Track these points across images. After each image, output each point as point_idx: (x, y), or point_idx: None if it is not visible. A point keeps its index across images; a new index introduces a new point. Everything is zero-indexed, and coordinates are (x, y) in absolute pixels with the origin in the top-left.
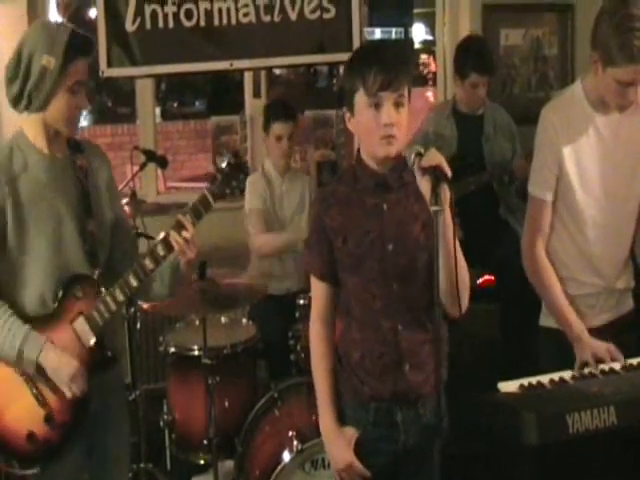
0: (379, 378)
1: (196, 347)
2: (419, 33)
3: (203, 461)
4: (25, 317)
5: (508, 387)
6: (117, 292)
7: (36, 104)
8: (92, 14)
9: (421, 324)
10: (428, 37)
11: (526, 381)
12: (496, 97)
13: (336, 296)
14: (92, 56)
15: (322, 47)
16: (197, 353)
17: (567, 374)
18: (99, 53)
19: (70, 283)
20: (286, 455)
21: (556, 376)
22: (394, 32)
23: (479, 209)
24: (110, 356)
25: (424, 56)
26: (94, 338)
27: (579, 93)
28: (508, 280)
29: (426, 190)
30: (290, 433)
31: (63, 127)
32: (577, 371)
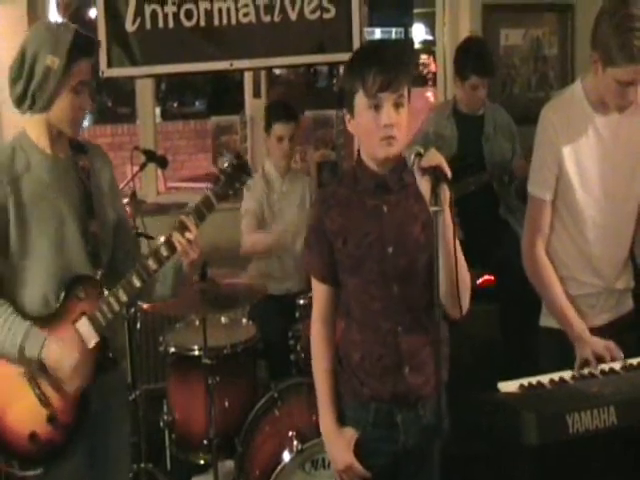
0: (379, 379)
1: (196, 347)
2: (419, 33)
3: (203, 461)
4: (27, 317)
5: (508, 387)
6: (120, 292)
7: (40, 104)
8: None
9: (421, 326)
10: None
11: (526, 381)
12: (496, 97)
13: (337, 297)
14: (95, 56)
15: (322, 47)
16: (197, 353)
17: (567, 374)
18: (99, 53)
19: (73, 283)
20: (286, 455)
21: (556, 376)
22: (394, 32)
23: (479, 209)
24: (112, 357)
25: (424, 56)
26: (97, 338)
27: (579, 93)
28: (508, 280)
29: (426, 190)
30: (290, 433)
31: (66, 127)
32: (577, 371)
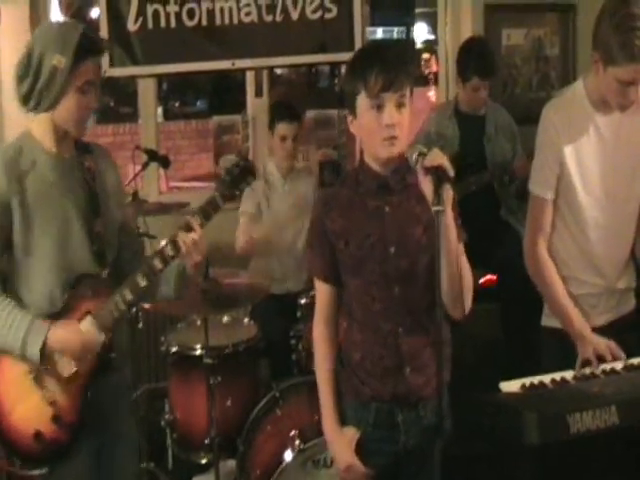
0: (380, 379)
1: (198, 347)
2: (421, 33)
3: (204, 460)
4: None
5: (510, 387)
6: (126, 292)
7: (46, 103)
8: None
9: (422, 327)
10: (430, 37)
11: (528, 381)
12: (497, 97)
13: (339, 297)
14: (102, 56)
15: (324, 47)
16: (199, 353)
17: (569, 374)
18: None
19: (78, 282)
20: (288, 454)
21: (558, 376)
22: (396, 32)
23: (480, 210)
24: (114, 357)
25: (426, 56)
26: (102, 337)
27: (580, 92)
28: (510, 280)
29: (428, 190)
30: (292, 432)
31: (72, 127)
32: (578, 370)
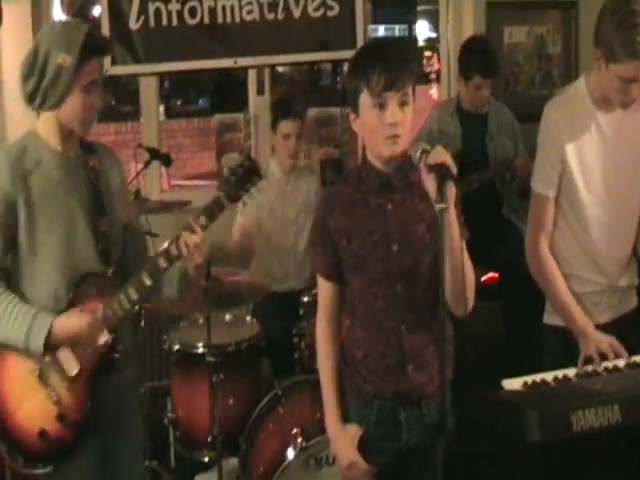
0: (382, 377)
1: (200, 345)
2: (423, 30)
3: (207, 459)
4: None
5: (512, 385)
6: (131, 291)
7: (51, 102)
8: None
9: (425, 325)
10: (432, 34)
11: (530, 379)
12: (500, 95)
13: (342, 295)
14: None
15: (326, 45)
16: (201, 351)
17: (571, 372)
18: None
19: (83, 281)
20: (290, 452)
21: (560, 374)
22: (398, 29)
23: (482, 208)
24: (118, 357)
25: (428, 53)
26: (107, 336)
27: (582, 90)
28: (512, 278)
29: (431, 188)
30: (294, 430)
31: (77, 126)
32: (581, 368)
